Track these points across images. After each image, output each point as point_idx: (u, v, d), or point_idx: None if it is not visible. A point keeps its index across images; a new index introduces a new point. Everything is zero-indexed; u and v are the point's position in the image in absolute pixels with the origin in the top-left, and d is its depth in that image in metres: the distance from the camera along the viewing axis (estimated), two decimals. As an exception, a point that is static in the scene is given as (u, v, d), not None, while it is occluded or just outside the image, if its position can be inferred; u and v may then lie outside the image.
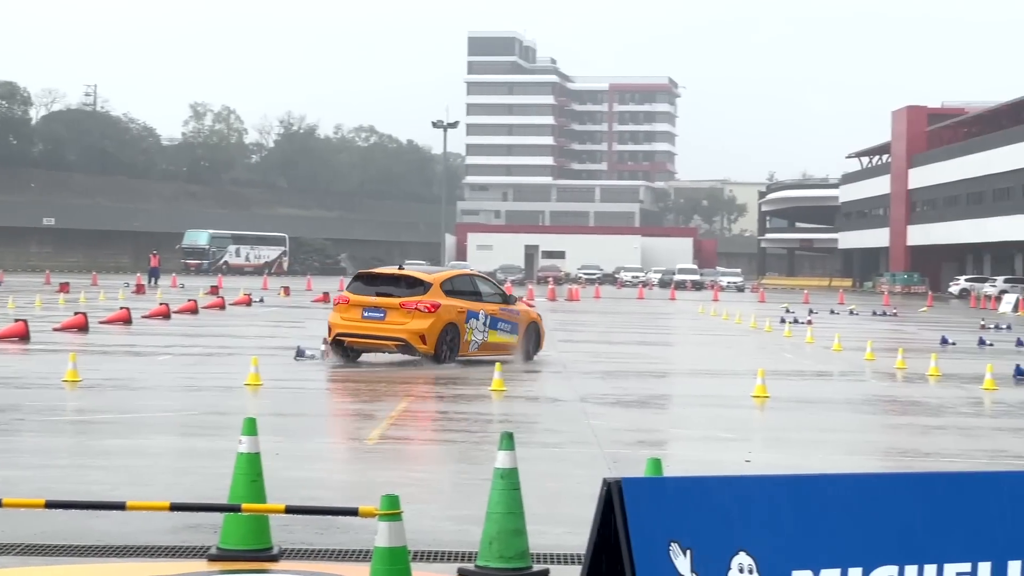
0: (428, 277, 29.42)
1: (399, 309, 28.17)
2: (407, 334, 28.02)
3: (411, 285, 28.93)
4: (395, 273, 30.05)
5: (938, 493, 5.95)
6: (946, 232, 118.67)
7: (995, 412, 22.98)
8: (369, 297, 28.78)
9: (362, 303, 28.64)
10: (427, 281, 29.01)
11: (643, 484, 5.55)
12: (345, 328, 28.64)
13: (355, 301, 28.77)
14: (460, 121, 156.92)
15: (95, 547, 10.62)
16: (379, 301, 28.48)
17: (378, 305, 28.38)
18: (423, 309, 28.14)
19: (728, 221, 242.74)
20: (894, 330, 51.83)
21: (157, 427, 18.21)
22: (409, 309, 28.13)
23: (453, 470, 15.53)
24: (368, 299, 28.68)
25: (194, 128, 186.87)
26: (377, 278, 30.01)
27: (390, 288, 29.02)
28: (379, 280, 29.78)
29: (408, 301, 28.22)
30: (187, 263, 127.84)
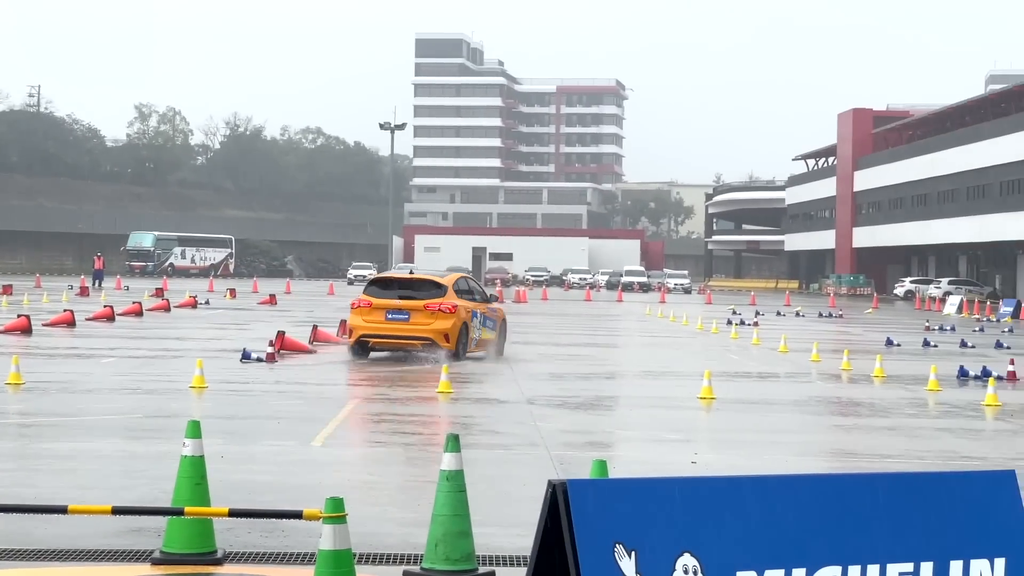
0: (443, 280, 31.73)
1: (423, 311, 30.25)
2: (432, 333, 30.12)
3: (428, 288, 31.03)
4: (411, 277, 32.15)
5: (882, 494, 5.98)
6: (891, 234, 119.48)
7: (939, 413, 23.14)
8: (392, 300, 30.61)
9: (385, 306, 30.47)
10: (443, 284, 31.24)
11: (588, 486, 5.55)
12: (369, 330, 30.52)
13: (377, 304, 30.57)
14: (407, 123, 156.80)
15: (37, 551, 10.53)
16: (403, 304, 30.48)
17: (402, 307, 30.39)
18: (445, 310, 30.27)
19: (675, 223, 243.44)
20: (840, 332, 52.13)
21: (101, 430, 18.08)
22: (433, 311, 30.20)
23: (399, 472, 15.49)
24: (392, 302, 30.55)
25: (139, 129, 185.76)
26: (393, 282, 32.29)
27: (408, 291, 30.99)
28: (396, 284, 31.93)
29: (432, 303, 30.30)
30: (132, 265, 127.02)
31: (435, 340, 30.09)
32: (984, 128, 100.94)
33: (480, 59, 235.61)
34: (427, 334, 30.13)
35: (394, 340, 30.73)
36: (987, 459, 17.19)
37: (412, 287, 31.26)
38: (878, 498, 5.96)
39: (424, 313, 30.26)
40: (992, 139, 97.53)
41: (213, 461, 11.97)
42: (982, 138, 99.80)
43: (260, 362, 29.10)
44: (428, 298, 30.56)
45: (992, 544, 6.09)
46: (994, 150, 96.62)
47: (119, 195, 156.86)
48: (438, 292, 30.79)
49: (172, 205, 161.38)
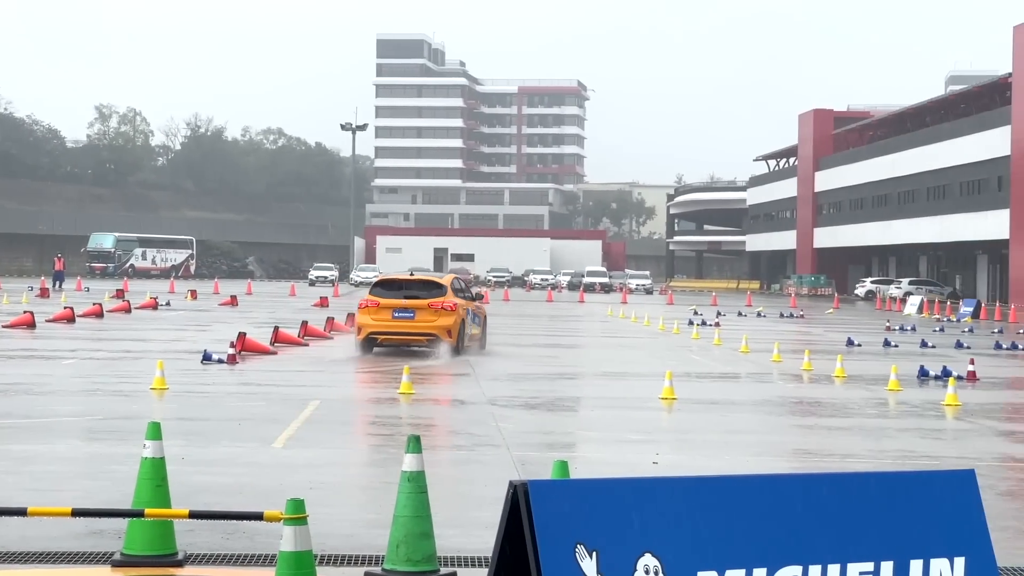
0: (442, 281, 34.42)
1: (427, 309, 32.71)
2: (437, 330, 32.72)
3: (430, 288, 33.54)
4: (414, 279, 34.83)
5: (842, 494, 6.00)
6: (852, 234, 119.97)
7: (900, 413, 23.24)
8: (398, 300, 32.94)
9: (392, 305, 32.85)
10: (443, 284, 33.86)
11: (549, 486, 5.55)
12: (377, 328, 32.95)
13: (384, 304, 32.88)
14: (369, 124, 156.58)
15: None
16: (408, 303, 32.83)
17: (407, 306, 32.76)
18: (447, 308, 32.82)
19: (637, 224, 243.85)
20: (801, 332, 52.31)
21: (61, 432, 17.99)
22: (436, 309, 32.68)
23: (360, 473, 15.48)
24: (397, 301, 32.90)
25: (99, 130, 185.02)
26: (397, 283, 34.47)
27: (412, 292, 33.39)
28: (400, 285, 34.14)
29: (435, 302, 32.78)
30: (92, 266, 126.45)
31: (439, 336, 32.68)
32: (944, 129, 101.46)
33: (441, 60, 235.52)
34: (432, 330, 32.66)
35: (401, 336, 33.21)
36: (947, 458, 17.28)
37: (415, 288, 33.61)
38: (839, 498, 5.98)
39: (428, 311, 32.65)
40: (952, 140, 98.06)
41: (174, 463, 11.94)
42: (942, 139, 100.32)
43: (221, 363, 29.04)
44: (431, 297, 32.90)
45: (952, 543, 6.12)
46: (954, 151, 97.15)
47: (80, 196, 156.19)
48: (439, 292, 33.19)
49: (133, 206, 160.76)
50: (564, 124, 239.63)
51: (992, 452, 18.04)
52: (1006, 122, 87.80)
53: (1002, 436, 20.01)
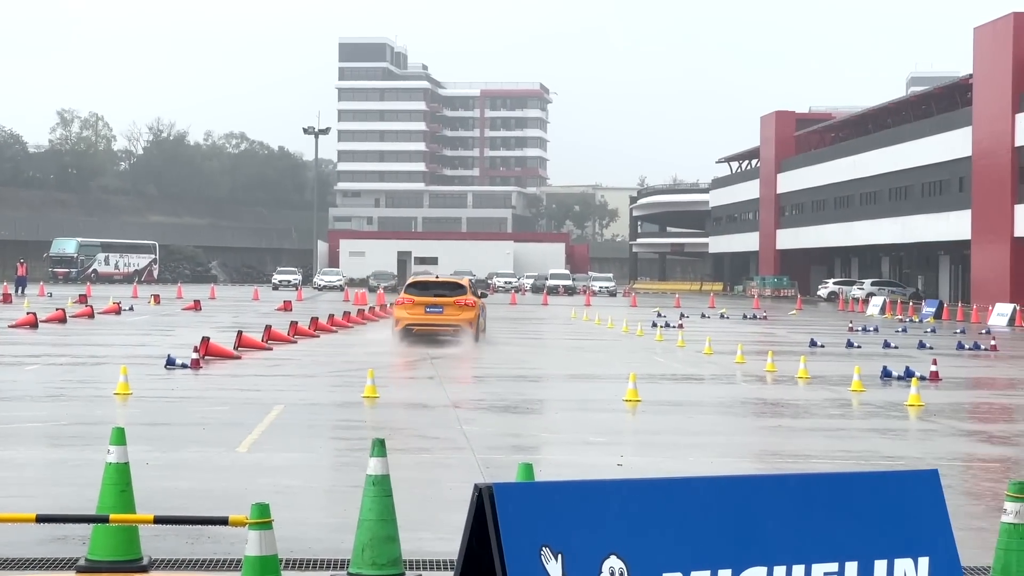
0: (462, 281, 42.70)
1: (454, 305, 39.94)
2: (462, 322, 40.03)
3: (454, 288, 41.04)
4: (441, 281, 42.70)
5: (806, 494, 6.03)
6: (815, 236, 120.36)
7: (863, 413, 23.33)
8: (428, 298, 40.17)
9: (424, 302, 40.07)
10: (464, 285, 41.72)
11: (514, 489, 5.56)
12: (413, 320, 40.01)
13: (418, 301, 40.14)
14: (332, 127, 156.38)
15: (-41, 561, 10.44)
16: (437, 300, 40.07)
17: (437, 303, 40.01)
18: (469, 304, 40.19)
19: (600, 226, 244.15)
20: (764, 333, 52.46)
21: (24, 438, 17.92)
22: (460, 305, 39.96)
23: (325, 478, 15.46)
24: (428, 299, 40.13)
25: (61, 135, 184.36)
26: (426, 284, 41.75)
27: (440, 291, 40.67)
28: (429, 286, 41.46)
29: (460, 300, 40.13)
30: (55, 271, 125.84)
31: (464, 326, 39.91)
32: (905, 130, 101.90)
33: (404, 63, 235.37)
34: (458, 322, 39.94)
35: (433, 327, 40.06)
36: (911, 459, 17.36)
37: (442, 288, 41.00)
38: (802, 499, 6.01)
39: (454, 307, 39.99)
40: (914, 141, 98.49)
41: (138, 468, 11.91)
42: (904, 140, 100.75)
43: (185, 368, 28.96)
44: (455, 296, 40.36)
45: (916, 543, 6.15)
46: (916, 152, 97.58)
47: (42, 201, 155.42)
48: (462, 291, 40.75)
49: (95, 211, 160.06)
50: (527, 127, 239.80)
51: (955, 452, 18.14)
52: (967, 123, 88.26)
53: (965, 436, 20.12)
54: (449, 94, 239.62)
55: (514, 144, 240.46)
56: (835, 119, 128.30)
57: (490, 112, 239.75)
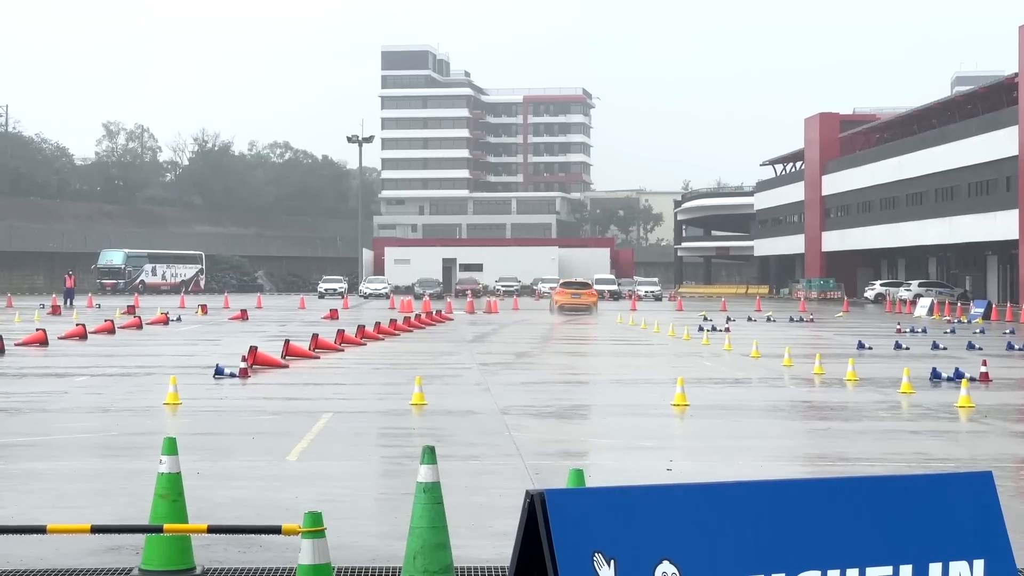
0: (586, 279, 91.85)
1: (585, 294, 77.07)
2: (591, 303, 76.27)
3: (585, 285, 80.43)
4: (576, 280, 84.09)
5: (859, 498, 6.00)
6: (860, 237, 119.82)
7: (913, 415, 23.20)
8: (573, 289, 77.90)
9: (570, 291, 77.27)
10: (589, 283, 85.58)
11: (566, 495, 5.56)
12: (565, 302, 75.52)
13: (567, 291, 77.14)
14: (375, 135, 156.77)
15: (16, 572, 10.52)
16: (578, 291, 77.18)
17: (578, 292, 77.27)
18: (592, 294, 78.10)
19: (644, 231, 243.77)
20: (811, 336, 52.26)
21: (76, 449, 18.05)
22: (590, 293, 77.45)
23: (375, 485, 15.49)
24: (573, 290, 77.85)
25: (107, 147, 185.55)
26: (570, 283, 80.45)
27: (577, 287, 78.84)
28: (572, 284, 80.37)
29: (588, 291, 77.71)
30: (103, 283, 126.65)
31: (592, 305, 76.16)
32: (951, 130, 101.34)
33: (446, 70, 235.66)
34: (590, 303, 76.06)
35: (576, 303, 75.30)
36: (963, 461, 17.27)
37: (579, 285, 79.59)
38: (855, 502, 5.98)
39: (586, 294, 77.02)
40: (959, 141, 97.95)
41: (189, 478, 11.97)
42: (949, 140, 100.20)
43: (233, 378, 29.09)
44: (586, 289, 78.82)
45: (971, 546, 6.11)
46: (962, 152, 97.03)
47: (89, 213, 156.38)
48: (588, 286, 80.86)
49: (142, 222, 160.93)
50: (570, 132, 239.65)
51: (1008, 453, 18.03)
52: (1013, 122, 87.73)
53: (1017, 437, 19.99)
54: (492, 100, 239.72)
55: (558, 150, 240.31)
56: (880, 120, 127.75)
57: (533, 118, 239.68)
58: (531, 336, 50.51)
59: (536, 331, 54.97)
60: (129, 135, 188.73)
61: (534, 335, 51.44)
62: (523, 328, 57.53)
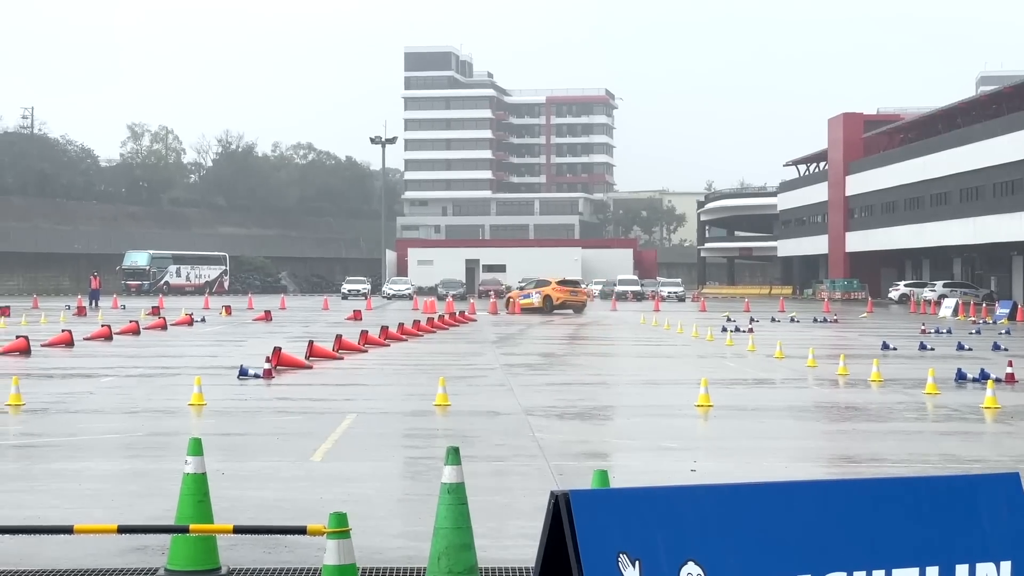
0: (579, 279, 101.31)
1: (580, 292, 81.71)
2: (586, 299, 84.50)
3: (576, 283, 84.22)
4: (569, 279, 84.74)
5: (885, 498, 5.99)
6: (885, 238, 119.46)
7: (938, 416, 23.13)
8: (569, 287, 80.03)
9: (567, 289, 79.46)
10: (581, 280, 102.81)
11: (591, 496, 5.57)
12: (562, 298, 78.17)
13: (563, 288, 79.14)
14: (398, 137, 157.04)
15: (43, 571, 10.57)
16: (573, 288, 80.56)
17: (573, 290, 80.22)
18: (584, 291, 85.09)
19: (667, 231, 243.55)
20: (835, 336, 52.14)
21: (102, 449, 18.11)
22: (583, 292, 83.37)
23: (399, 486, 15.51)
24: (569, 288, 79.90)
25: (132, 149, 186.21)
26: (565, 281, 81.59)
27: (571, 285, 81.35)
28: (566, 282, 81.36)
29: (581, 290, 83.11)
30: (128, 284, 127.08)
31: (586, 299, 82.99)
32: (976, 130, 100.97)
33: (469, 71, 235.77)
34: (584, 299, 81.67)
35: (572, 300, 78.82)
36: (989, 462, 17.22)
37: (570, 283, 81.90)
38: (881, 503, 5.98)
39: (581, 292, 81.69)
40: (984, 140, 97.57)
41: (213, 478, 12.01)
42: (974, 140, 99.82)
43: (257, 378, 29.15)
44: (579, 287, 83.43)
45: (997, 547, 6.10)
46: (987, 151, 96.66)
47: (114, 215, 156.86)
48: (580, 284, 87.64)
49: (166, 223, 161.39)
50: (593, 133, 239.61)
51: (1032, 454, 17.96)
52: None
53: (1041, 438, 19.92)
54: (515, 101, 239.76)
55: (580, 150, 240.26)
56: (904, 120, 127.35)
57: (556, 119, 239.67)
58: (554, 337, 50.48)
59: (560, 331, 54.94)
60: (154, 136, 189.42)
61: (558, 336, 51.42)
62: (546, 329, 57.51)
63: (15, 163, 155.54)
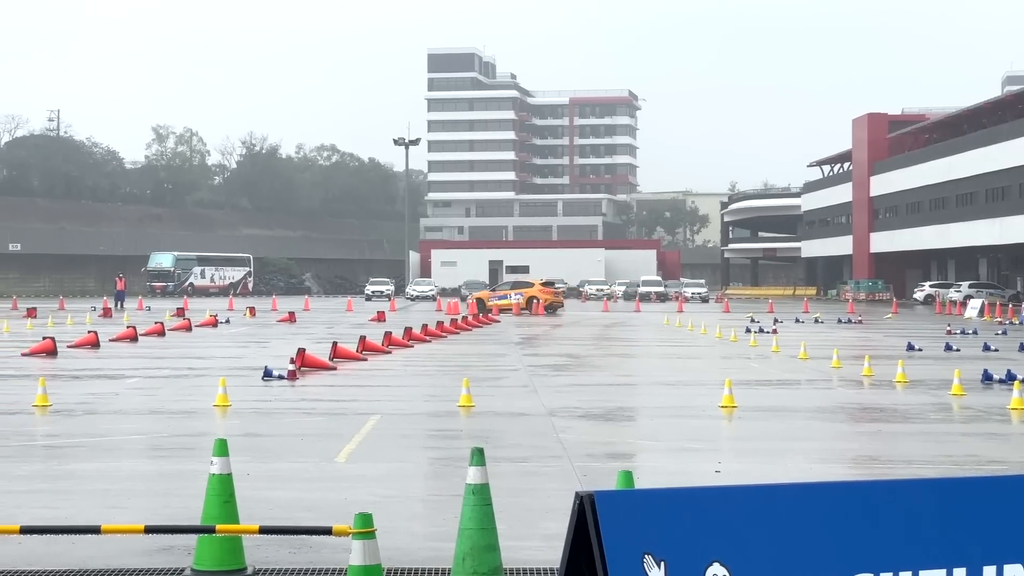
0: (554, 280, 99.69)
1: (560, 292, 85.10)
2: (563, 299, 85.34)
3: (552, 284, 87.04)
4: (549, 280, 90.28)
5: (911, 500, 5.97)
6: (909, 238, 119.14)
7: (964, 417, 23.06)
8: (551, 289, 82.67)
9: (550, 291, 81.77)
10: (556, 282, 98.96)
11: (616, 497, 5.56)
12: (548, 299, 79.76)
13: (546, 289, 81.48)
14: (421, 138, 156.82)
15: (71, 571, 10.61)
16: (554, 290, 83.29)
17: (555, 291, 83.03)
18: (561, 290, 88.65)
19: (691, 232, 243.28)
20: (860, 337, 52.02)
21: (128, 450, 18.18)
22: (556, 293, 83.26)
23: (424, 487, 15.53)
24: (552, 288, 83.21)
25: (157, 151, 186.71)
26: (545, 282, 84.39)
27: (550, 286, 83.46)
28: (547, 284, 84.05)
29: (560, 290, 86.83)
30: (153, 285, 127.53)
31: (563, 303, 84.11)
32: (1002, 130, 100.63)
33: (492, 73, 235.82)
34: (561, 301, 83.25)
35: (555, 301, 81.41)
36: (1015, 463, 17.16)
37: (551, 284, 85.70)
38: (908, 504, 5.96)
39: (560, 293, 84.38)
40: (1010, 140, 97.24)
41: (238, 479, 12.04)
42: (1000, 140, 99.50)
43: (282, 380, 29.21)
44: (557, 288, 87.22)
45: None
46: (1013, 152, 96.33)
47: (139, 216, 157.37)
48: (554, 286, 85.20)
49: (191, 225, 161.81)
50: (616, 134, 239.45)
51: (1058, 455, 17.90)
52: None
53: (1067, 439, 19.85)
54: (538, 103, 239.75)
55: (603, 152, 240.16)
56: (929, 120, 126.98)
57: (579, 120, 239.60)
58: (578, 338, 50.45)
59: (583, 332, 54.93)
60: (178, 138, 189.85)
61: (581, 337, 51.39)
62: (570, 330, 57.50)
63: (41, 165, 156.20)
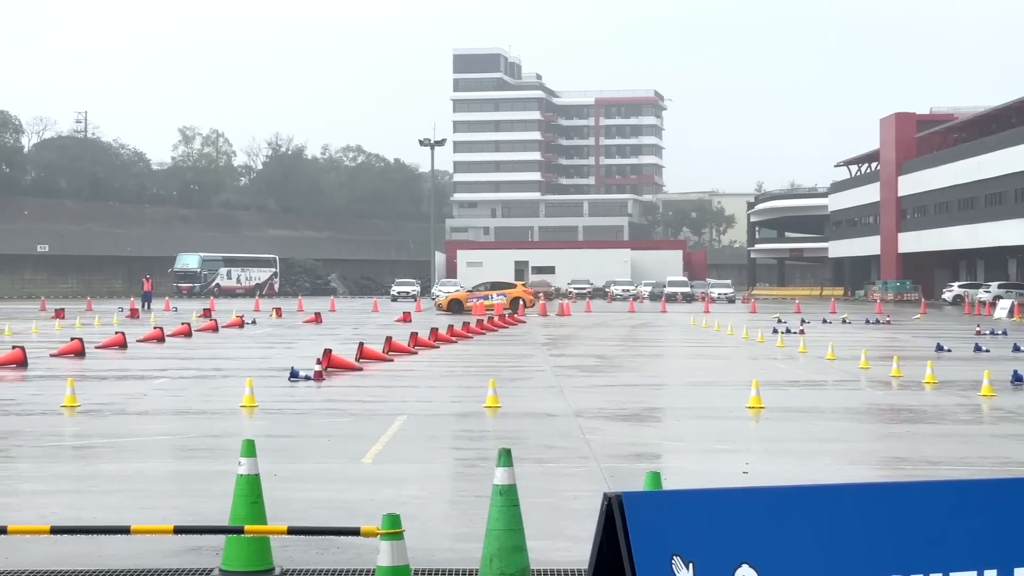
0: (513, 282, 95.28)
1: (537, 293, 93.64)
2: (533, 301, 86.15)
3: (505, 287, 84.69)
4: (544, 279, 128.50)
5: (941, 501, 5.95)
6: (938, 238, 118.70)
7: (994, 419, 22.96)
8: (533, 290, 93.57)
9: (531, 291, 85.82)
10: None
11: (644, 498, 5.56)
12: (532, 300, 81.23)
13: (529, 291, 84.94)
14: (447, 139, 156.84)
15: (101, 571, 10.65)
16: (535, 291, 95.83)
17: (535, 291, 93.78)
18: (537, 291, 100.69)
19: (717, 232, 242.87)
20: (888, 338, 51.85)
21: (156, 451, 18.23)
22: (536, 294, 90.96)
23: (451, 488, 15.54)
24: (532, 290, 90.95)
25: (183, 152, 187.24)
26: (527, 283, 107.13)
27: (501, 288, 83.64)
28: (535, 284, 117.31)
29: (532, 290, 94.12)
30: (179, 286, 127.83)
31: None
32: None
33: (518, 73, 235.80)
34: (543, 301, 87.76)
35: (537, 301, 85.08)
36: (1042, 464, 17.09)
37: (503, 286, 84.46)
38: (938, 505, 5.94)
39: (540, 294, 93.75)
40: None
41: (265, 479, 12.06)
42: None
43: (308, 380, 29.26)
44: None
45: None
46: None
47: (165, 218, 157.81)
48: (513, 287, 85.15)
49: (217, 226, 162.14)
50: (642, 134, 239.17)
51: (1087, 456, 17.81)
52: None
53: (1096, 440, 19.75)
54: (563, 103, 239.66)
55: (629, 152, 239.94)
56: (957, 120, 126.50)
57: (605, 120, 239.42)
58: (604, 339, 50.42)
59: (609, 333, 54.88)
60: (204, 140, 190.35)
61: (607, 337, 51.35)
62: (597, 331, 57.46)
63: (69, 167, 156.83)
